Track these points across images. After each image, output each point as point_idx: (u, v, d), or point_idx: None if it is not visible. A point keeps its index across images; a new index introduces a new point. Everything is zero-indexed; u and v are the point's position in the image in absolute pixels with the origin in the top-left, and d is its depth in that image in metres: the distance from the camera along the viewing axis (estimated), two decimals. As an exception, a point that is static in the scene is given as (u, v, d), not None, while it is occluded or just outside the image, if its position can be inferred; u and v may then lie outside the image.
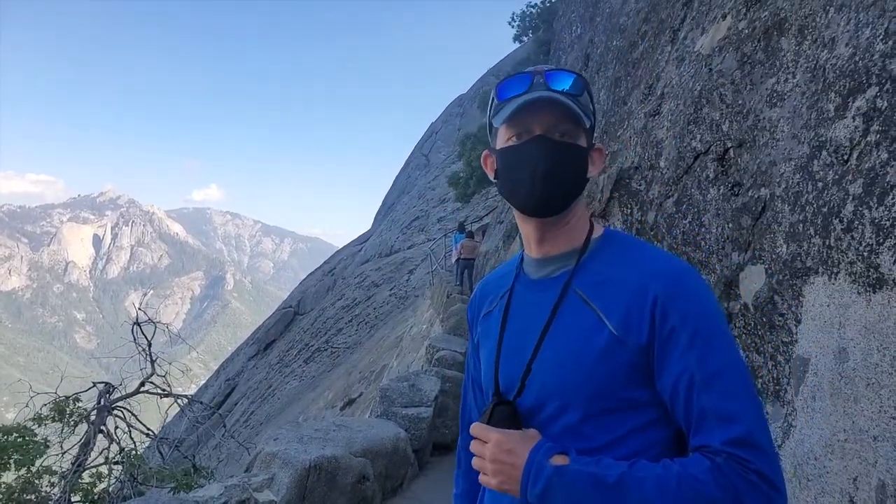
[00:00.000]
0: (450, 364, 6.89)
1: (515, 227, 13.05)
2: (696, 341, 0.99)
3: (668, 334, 1.01)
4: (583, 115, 1.13)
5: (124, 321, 8.55)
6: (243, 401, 24.89)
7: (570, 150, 1.14)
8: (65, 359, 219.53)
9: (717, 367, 0.98)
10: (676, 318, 1.01)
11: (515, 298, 1.23)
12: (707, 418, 0.97)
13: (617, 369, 1.03)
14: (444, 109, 55.11)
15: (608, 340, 1.04)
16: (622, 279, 1.07)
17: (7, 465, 6.38)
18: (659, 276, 1.04)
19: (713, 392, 0.97)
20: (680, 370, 1.00)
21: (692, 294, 1.03)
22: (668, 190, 3.57)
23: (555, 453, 1.02)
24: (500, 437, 1.06)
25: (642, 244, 1.16)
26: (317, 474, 3.79)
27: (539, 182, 1.13)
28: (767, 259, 2.46)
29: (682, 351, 1.00)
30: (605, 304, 1.07)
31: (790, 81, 2.47)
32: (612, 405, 1.04)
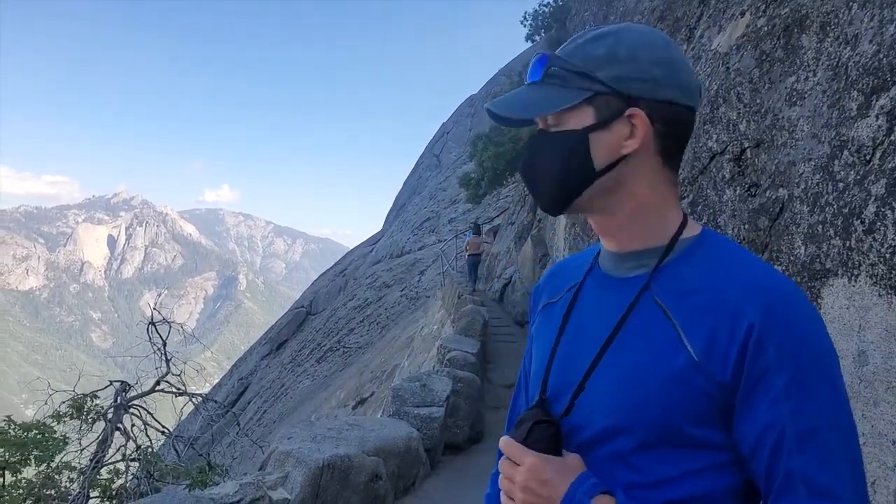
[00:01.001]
0: (461, 365, 6.89)
1: (527, 228, 13.02)
2: (796, 387, 0.81)
3: (760, 374, 0.82)
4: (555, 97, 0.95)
5: (139, 321, 8.66)
6: (256, 399, 25.04)
7: (553, 139, 0.97)
8: (82, 357, 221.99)
9: (818, 421, 0.80)
10: (774, 355, 0.81)
11: (584, 294, 1.05)
12: (795, 485, 0.80)
13: (687, 400, 0.85)
14: (455, 110, 55.14)
15: (685, 364, 0.85)
16: (713, 292, 0.87)
17: (27, 460, 6.49)
18: (759, 299, 0.83)
19: (808, 454, 0.80)
20: (769, 421, 0.82)
21: (798, 326, 0.82)
22: (682, 191, 3.55)
23: (599, 492, 0.87)
24: (535, 463, 0.90)
25: (743, 252, 0.93)
26: (330, 473, 3.80)
27: (525, 182, 1.04)
28: (785, 261, 2.43)
29: (776, 398, 0.81)
30: (689, 320, 0.87)
31: (811, 80, 2.44)
32: (672, 438, 0.87)
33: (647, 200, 0.95)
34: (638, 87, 0.92)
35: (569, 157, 0.95)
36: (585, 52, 0.95)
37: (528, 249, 11.98)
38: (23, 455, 6.44)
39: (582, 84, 0.94)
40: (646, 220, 0.95)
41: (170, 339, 8.39)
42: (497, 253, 16.37)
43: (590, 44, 0.96)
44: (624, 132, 0.92)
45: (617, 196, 0.95)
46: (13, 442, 6.46)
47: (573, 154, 0.94)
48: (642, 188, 0.95)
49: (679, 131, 0.93)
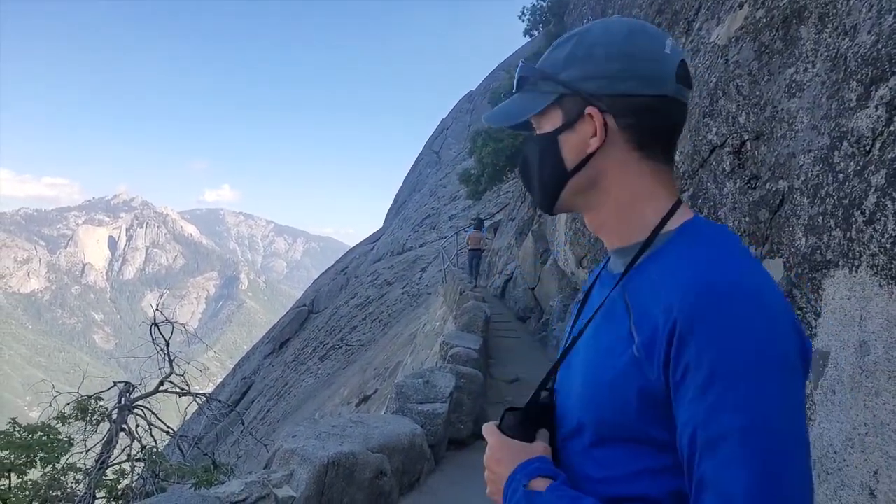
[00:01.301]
0: (464, 360, 6.90)
1: (528, 224, 13.02)
2: (712, 387, 0.75)
3: (683, 371, 0.78)
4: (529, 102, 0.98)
5: (142, 321, 8.68)
6: (260, 398, 25.09)
7: (533, 142, 1.01)
8: (85, 359, 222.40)
9: (731, 425, 0.74)
10: (693, 352, 0.77)
11: (593, 291, 1.07)
12: (704, 490, 0.76)
13: (633, 396, 0.84)
14: (454, 105, 55.08)
15: (630, 360, 0.85)
16: (661, 288, 0.85)
17: (33, 462, 6.51)
18: (687, 294, 0.79)
19: (719, 458, 0.74)
20: (686, 420, 0.78)
21: (718, 320, 0.77)
22: (682, 184, 3.55)
23: (539, 476, 0.89)
24: (496, 444, 0.96)
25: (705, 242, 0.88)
26: (335, 470, 3.81)
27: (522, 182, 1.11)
28: (786, 252, 2.44)
29: (692, 397, 0.77)
30: (638, 315, 0.86)
31: (810, 71, 2.44)
32: (626, 435, 0.86)
33: (622, 196, 0.95)
34: (595, 85, 0.92)
35: (544, 158, 0.98)
36: (551, 57, 0.98)
37: (529, 245, 11.98)
38: (28, 457, 6.47)
39: (549, 88, 0.96)
40: (624, 216, 0.95)
41: (172, 339, 8.41)
42: (498, 249, 16.38)
43: (556, 48, 0.98)
44: (588, 131, 0.93)
45: (593, 194, 0.97)
46: (19, 444, 6.48)
47: (547, 156, 0.98)
48: (615, 185, 0.95)
49: (652, 121, 0.92)
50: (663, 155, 0.94)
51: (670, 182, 0.95)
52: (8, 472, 6.42)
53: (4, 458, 6.43)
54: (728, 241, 0.88)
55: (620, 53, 0.92)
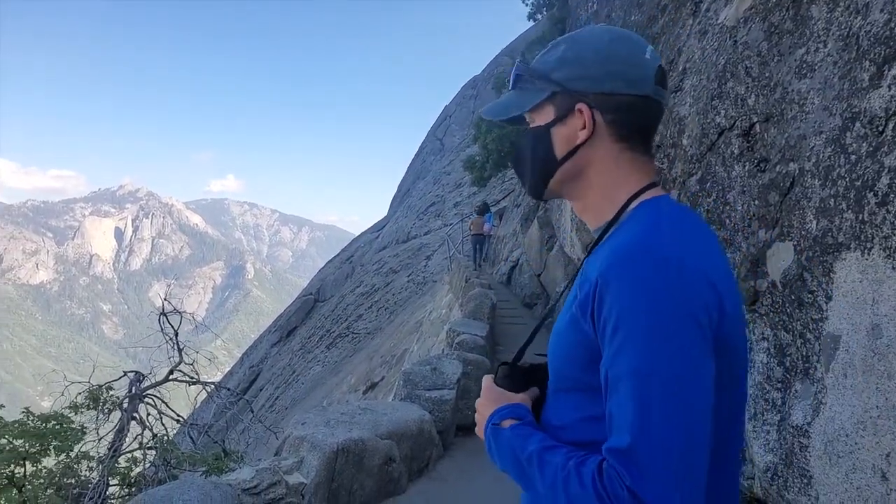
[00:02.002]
0: (470, 347, 6.91)
1: (533, 210, 12.99)
2: (616, 335, 0.90)
3: (603, 323, 0.93)
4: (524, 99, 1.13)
5: (150, 311, 8.73)
6: (268, 386, 25.25)
7: (526, 135, 1.15)
8: (94, 349, 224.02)
9: (627, 367, 0.88)
10: (607, 305, 0.92)
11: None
12: (610, 421, 0.91)
13: (572, 349, 1.01)
14: (457, 92, 54.80)
15: (571, 318, 1.01)
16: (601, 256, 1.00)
17: (47, 451, 6.60)
18: (607, 257, 0.96)
19: (619, 394, 0.89)
20: (601, 364, 0.93)
21: (626, 281, 0.91)
22: (691, 168, 3.52)
23: (510, 418, 1.07)
24: (485, 391, 1.15)
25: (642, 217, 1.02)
26: (345, 457, 3.84)
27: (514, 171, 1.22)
28: (796, 235, 2.42)
29: (606, 343, 0.92)
30: (582, 280, 1.02)
31: (821, 51, 2.41)
32: (571, 384, 1.03)
33: (603, 182, 1.09)
34: (584, 84, 1.06)
35: (537, 148, 1.12)
36: (545, 59, 1.13)
37: (535, 231, 11.96)
38: (42, 446, 6.55)
39: (542, 86, 1.11)
40: (604, 200, 1.09)
41: (181, 328, 8.46)
42: (503, 236, 16.35)
43: (549, 51, 1.13)
44: (577, 124, 1.08)
45: (579, 181, 1.11)
46: (33, 433, 6.56)
47: (540, 146, 1.11)
48: (598, 172, 1.09)
49: (632, 117, 1.06)
50: (642, 146, 1.09)
51: (648, 170, 1.09)
52: (23, 460, 6.50)
53: (19, 447, 6.52)
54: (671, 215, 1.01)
55: (606, 57, 1.06)
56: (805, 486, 2.17)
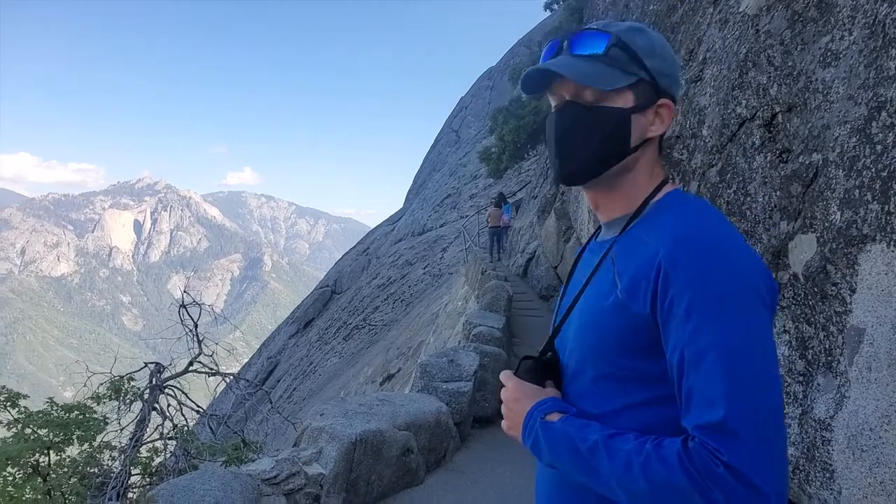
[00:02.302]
0: (487, 339, 6.92)
1: (550, 202, 12.92)
2: (693, 313, 0.91)
3: (669, 303, 0.93)
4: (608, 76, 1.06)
5: (170, 304, 8.81)
6: (286, 377, 25.46)
7: (594, 113, 1.07)
8: (114, 340, 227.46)
9: (708, 342, 0.89)
10: (677, 287, 0.92)
11: (581, 261, 1.24)
12: (692, 399, 0.90)
13: (618, 334, 1.00)
14: (473, 83, 54.58)
15: (614, 303, 1.00)
16: (646, 242, 1.02)
17: (71, 440, 6.73)
18: (668, 240, 0.96)
19: (701, 371, 0.89)
20: (674, 344, 0.93)
21: (697, 260, 0.93)
22: (711, 159, 3.48)
23: (553, 411, 1.05)
24: (514, 387, 1.12)
25: (686, 206, 1.06)
26: (363, 447, 3.86)
27: (554, 152, 1.12)
28: (819, 227, 2.38)
29: (678, 323, 0.92)
30: (621, 266, 1.03)
31: (846, 39, 2.36)
32: (614, 371, 1.02)
33: (639, 179, 1.11)
34: (666, 82, 1.09)
35: (612, 132, 1.07)
36: (633, 41, 1.08)
37: (552, 223, 11.90)
38: (66, 435, 6.68)
39: (632, 69, 1.07)
40: (632, 194, 1.11)
41: (200, 320, 8.54)
42: (520, 228, 16.30)
43: (633, 34, 1.09)
44: (650, 118, 1.09)
45: (626, 173, 1.11)
46: (57, 423, 6.69)
47: (617, 130, 1.07)
48: (641, 168, 1.11)
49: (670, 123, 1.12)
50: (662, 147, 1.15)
51: (662, 167, 1.15)
52: (47, 450, 6.63)
53: (44, 436, 6.65)
54: (700, 205, 1.06)
55: (675, 62, 1.12)
56: (827, 480, 2.15)
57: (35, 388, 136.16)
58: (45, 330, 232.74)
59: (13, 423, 6.85)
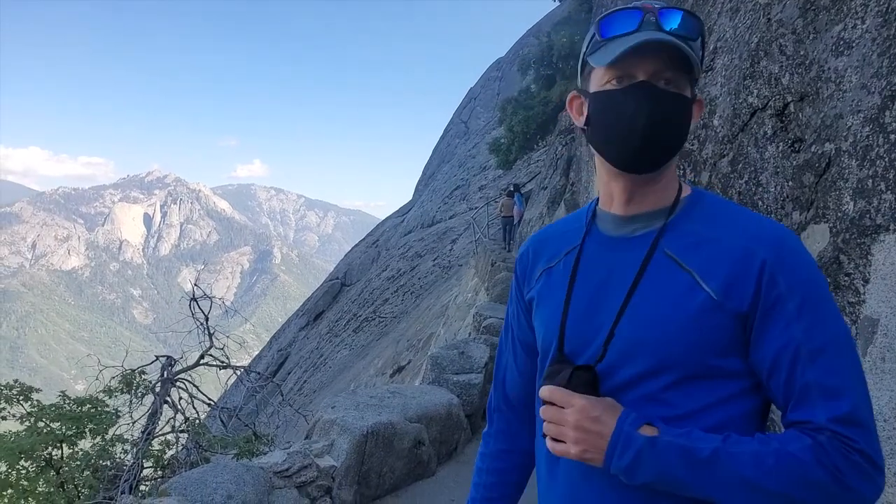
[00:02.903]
0: (497, 331, 6.93)
1: (560, 193, 12.88)
2: (805, 311, 0.94)
3: (773, 302, 0.95)
4: (695, 63, 1.02)
5: (180, 297, 8.85)
6: (296, 370, 25.60)
7: (677, 100, 1.02)
8: (125, 333, 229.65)
9: (825, 339, 0.93)
10: (784, 285, 0.95)
11: (586, 256, 1.13)
12: (810, 393, 0.92)
13: (711, 335, 0.97)
14: (482, 74, 54.34)
15: (704, 304, 0.97)
16: (723, 241, 1.00)
17: (83, 433, 6.79)
18: (766, 241, 0.97)
19: (819, 366, 0.92)
20: (785, 341, 0.94)
21: (800, 260, 0.96)
22: (722, 149, 3.46)
23: (643, 423, 0.96)
24: (585, 404, 0.98)
25: (735, 205, 1.07)
26: (374, 440, 3.88)
27: (639, 135, 1.01)
28: (832, 217, 2.36)
29: (789, 321, 0.94)
30: (704, 266, 0.99)
31: (859, 27, 2.33)
32: (700, 372, 0.98)
33: (672, 172, 1.10)
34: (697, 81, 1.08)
35: (685, 119, 1.05)
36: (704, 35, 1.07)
37: (563, 214, 11.87)
38: (79, 428, 6.74)
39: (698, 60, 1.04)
40: (667, 186, 1.09)
41: (210, 313, 8.58)
42: (529, 219, 16.26)
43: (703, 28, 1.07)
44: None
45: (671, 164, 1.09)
46: (69, 416, 6.75)
47: (687, 117, 1.05)
48: (675, 162, 1.10)
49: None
50: None
51: None
52: (60, 443, 6.70)
53: (56, 430, 6.71)
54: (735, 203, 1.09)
55: None
56: (840, 472, 2.14)
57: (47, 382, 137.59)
58: (57, 323, 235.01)
59: (26, 417, 6.92)
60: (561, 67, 17.53)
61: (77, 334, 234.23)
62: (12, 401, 7.14)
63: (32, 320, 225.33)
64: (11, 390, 7.22)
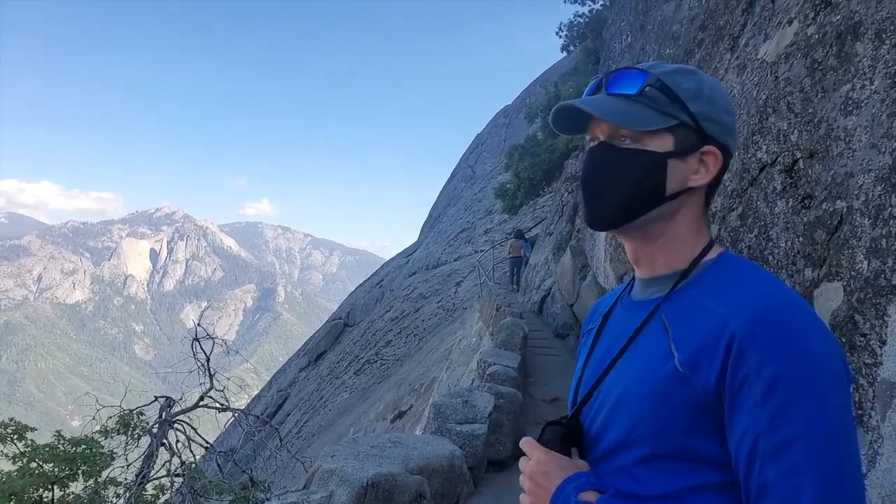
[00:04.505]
0: (502, 380, 6.81)
1: (566, 239, 12.88)
2: (773, 396, 0.80)
3: (741, 382, 0.83)
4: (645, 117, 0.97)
5: (183, 336, 8.82)
6: (295, 412, 25.26)
7: (629, 156, 0.98)
8: (125, 369, 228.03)
9: (792, 433, 0.78)
10: (753, 363, 0.82)
11: (612, 319, 1.12)
12: (768, 495, 0.79)
13: (676, 411, 0.88)
14: (489, 120, 55.19)
15: (671, 375, 0.89)
16: (709, 309, 0.90)
17: (76, 475, 6.63)
18: (745, 310, 0.85)
19: (781, 464, 0.78)
20: (745, 429, 0.82)
21: (781, 336, 0.82)
22: (731, 203, 3.45)
23: (589, 489, 0.93)
24: (540, 457, 0.98)
25: (751, 271, 0.96)
26: (374, 492, 3.78)
27: (584, 193, 1.03)
28: (846, 276, 2.34)
29: (753, 406, 0.81)
30: (679, 333, 0.92)
31: (867, 88, 2.35)
32: (670, 451, 0.89)
33: (683, 232, 1.01)
34: (713, 128, 1.00)
35: (645, 177, 0.98)
36: (677, 83, 1.00)
37: (568, 260, 11.85)
38: (71, 470, 6.58)
39: (672, 111, 0.99)
40: (674, 249, 1.01)
41: (212, 353, 8.50)
42: (535, 264, 16.25)
43: (678, 75, 1.01)
44: (693, 166, 1.00)
45: (664, 224, 1.01)
46: (62, 457, 6.61)
47: (651, 175, 0.98)
48: (685, 220, 1.01)
49: (722, 175, 1.02)
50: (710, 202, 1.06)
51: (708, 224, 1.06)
52: (51, 485, 6.55)
53: (48, 471, 6.56)
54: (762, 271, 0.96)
55: (731, 110, 1.03)
56: (859, 543, 2.06)
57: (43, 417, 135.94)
58: (57, 357, 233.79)
59: (19, 457, 6.78)
60: (568, 116, 17.74)
61: (77, 369, 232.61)
62: (6, 440, 7.01)
63: (33, 353, 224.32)
64: (6, 429, 7.10)
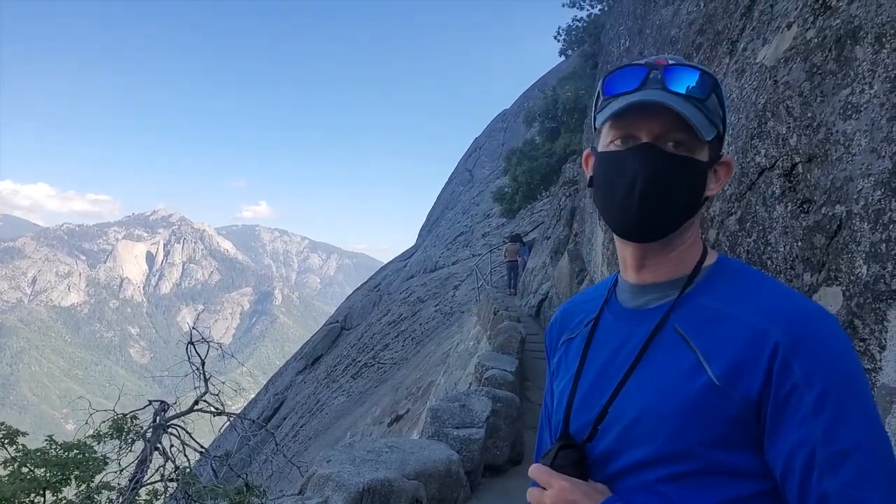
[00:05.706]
0: (499, 384, 6.79)
1: (563, 243, 12.89)
2: (826, 406, 0.78)
3: (787, 392, 0.80)
4: (705, 124, 0.93)
5: (178, 339, 8.77)
6: (292, 415, 25.18)
7: (683, 164, 0.94)
8: (120, 372, 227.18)
9: (850, 441, 0.76)
10: (801, 373, 0.80)
11: (601, 328, 1.06)
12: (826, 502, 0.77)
13: (713, 425, 0.84)
14: (487, 124, 55.25)
15: (706, 389, 0.85)
16: (735, 318, 0.88)
17: (68, 480, 6.54)
18: (782, 318, 0.83)
19: (842, 474, 0.76)
20: (799, 440, 0.79)
21: (825, 344, 0.81)
22: (730, 207, 3.44)
23: None
24: (564, 486, 0.90)
25: (762, 276, 0.95)
26: (370, 498, 3.75)
27: (637, 201, 0.93)
28: (845, 280, 2.32)
29: (805, 416, 0.79)
30: (709, 345, 0.88)
31: (867, 92, 2.34)
32: (703, 467, 0.85)
33: (691, 239, 1.00)
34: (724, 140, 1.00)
35: (694, 185, 0.96)
36: (721, 93, 0.97)
37: (565, 265, 11.84)
38: (64, 475, 6.49)
39: (717, 120, 0.97)
40: (683, 254, 0.99)
41: (207, 356, 8.45)
42: (533, 268, 16.24)
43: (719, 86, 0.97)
44: (712, 175, 1.00)
45: (685, 232, 0.99)
46: (55, 462, 6.51)
47: (698, 183, 0.97)
48: (695, 228, 1.00)
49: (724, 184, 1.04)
50: None
51: None
52: (43, 490, 6.46)
53: (40, 476, 6.47)
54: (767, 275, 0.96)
55: None
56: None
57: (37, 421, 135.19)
58: (51, 360, 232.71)
59: (10, 462, 6.69)
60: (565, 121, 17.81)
61: (71, 372, 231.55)
62: (-4, 445, 6.92)
63: (27, 356, 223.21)
64: (-3, 433, 7.01)
